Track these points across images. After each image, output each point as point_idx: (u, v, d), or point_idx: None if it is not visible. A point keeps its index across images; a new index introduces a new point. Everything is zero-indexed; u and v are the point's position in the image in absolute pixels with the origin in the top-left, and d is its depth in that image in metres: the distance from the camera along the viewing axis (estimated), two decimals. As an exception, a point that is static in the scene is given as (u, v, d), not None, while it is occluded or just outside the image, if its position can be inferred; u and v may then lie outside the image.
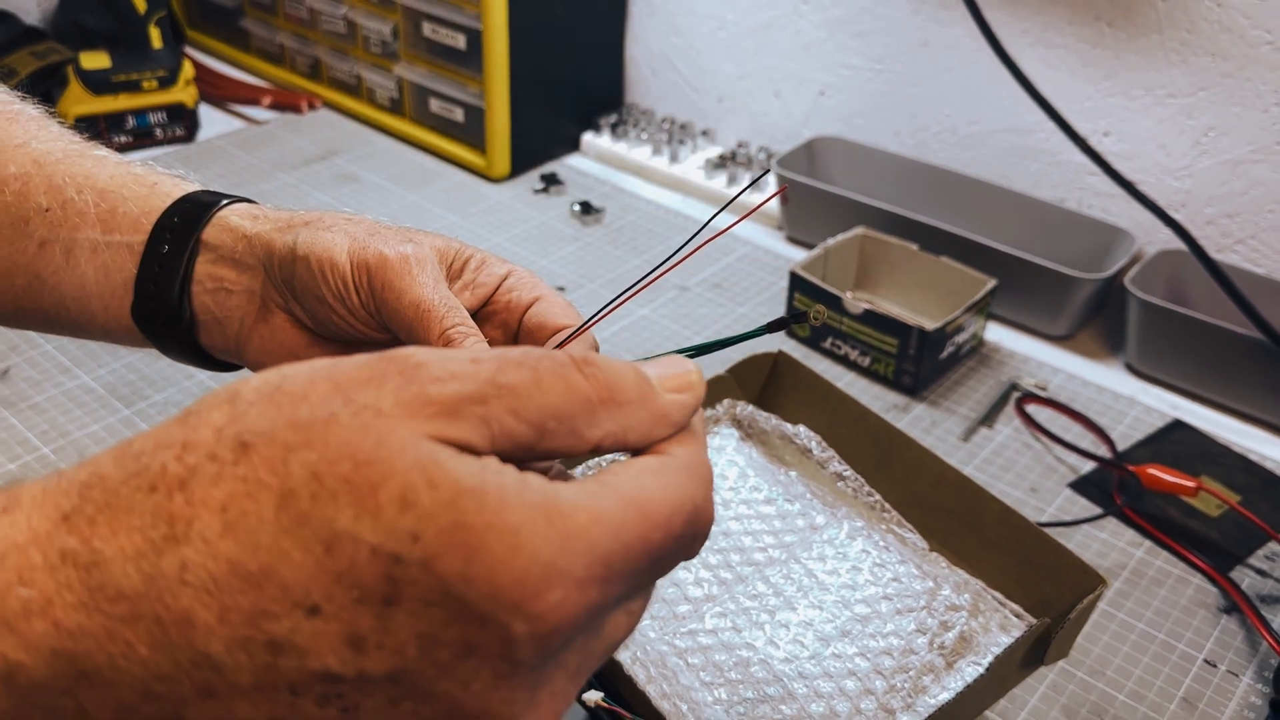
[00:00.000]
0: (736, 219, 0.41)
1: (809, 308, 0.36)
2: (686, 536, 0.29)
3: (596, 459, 0.60)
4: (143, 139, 1.16)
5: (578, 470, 0.59)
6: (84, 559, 0.24)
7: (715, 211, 0.44)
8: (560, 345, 0.43)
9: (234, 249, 0.46)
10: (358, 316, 0.43)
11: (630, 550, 0.27)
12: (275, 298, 0.46)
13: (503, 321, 0.46)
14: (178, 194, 0.47)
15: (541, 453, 0.28)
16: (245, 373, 0.49)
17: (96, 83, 1.12)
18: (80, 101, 1.12)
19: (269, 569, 0.24)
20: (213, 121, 1.23)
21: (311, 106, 1.26)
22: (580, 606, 0.26)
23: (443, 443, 0.25)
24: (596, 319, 0.43)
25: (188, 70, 1.18)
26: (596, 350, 0.44)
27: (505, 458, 0.27)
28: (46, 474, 0.26)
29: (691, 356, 0.38)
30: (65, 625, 0.24)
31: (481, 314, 0.46)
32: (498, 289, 0.46)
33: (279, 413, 0.25)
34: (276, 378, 0.27)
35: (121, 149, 1.14)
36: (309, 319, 0.45)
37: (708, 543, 0.59)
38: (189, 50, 1.37)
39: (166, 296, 0.46)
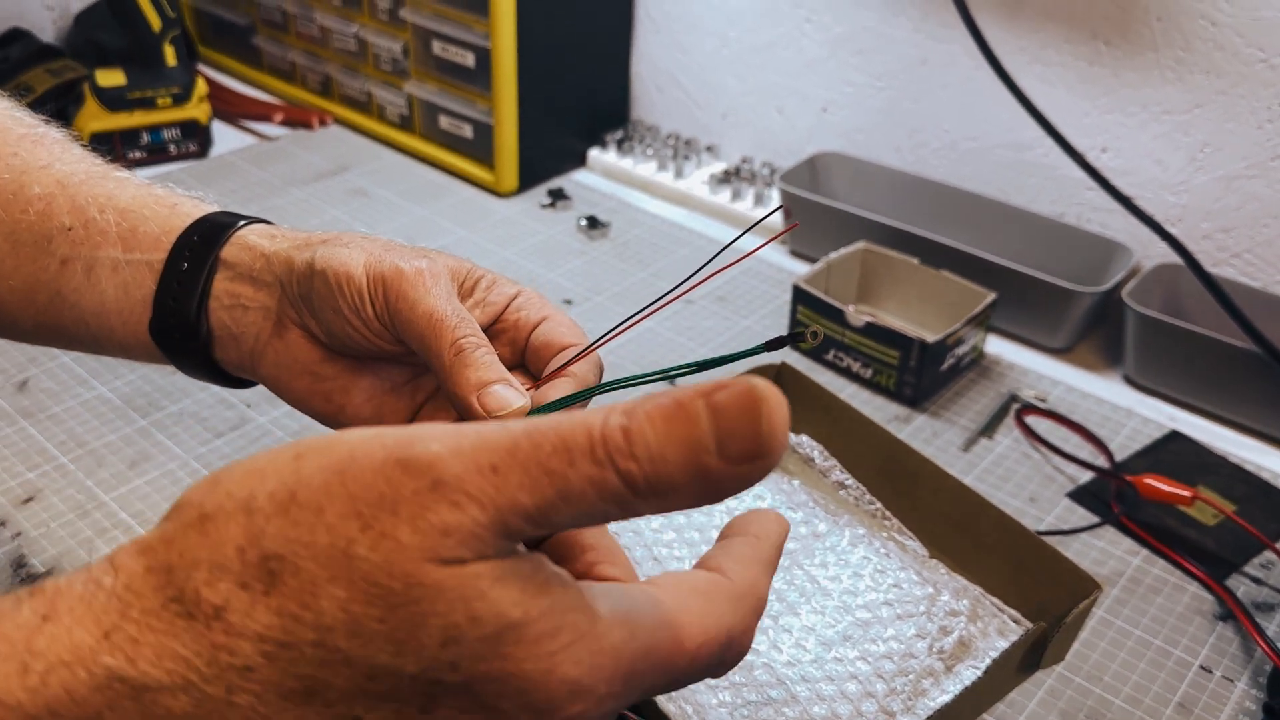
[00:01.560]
0: (753, 248, 0.42)
1: (807, 327, 0.36)
2: (712, 664, 0.30)
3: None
4: (157, 155, 1.18)
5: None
6: (134, 682, 0.25)
7: (729, 242, 0.46)
8: (568, 364, 0.44)
9: (252, 267, 0.47)
10: (372, 329, 0.45)
11: (653, 669, 0.28)
12: (290, 314, 0.47)
13: (511, 339, 0.47)
14: (197, 214, 0.49)
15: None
16: (261, 389, 0.50)
17: (112, 100, 1.14)
18: (95, 118, 1.14)
19: (311, 691, 0.25)
20: (225, 137, 1.25)
21: (323, 123, 1.28)
22: (595, 713, 0.27)
23: (482, 557, 0.25)
24: (604, 340, 0.44)
25: (201, 87, 1.20)
26: (601, 370, 0.45)
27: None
28: (74, 574, 0.27)
29: (691, 373, 0.39)
30: None
31: (491, 331, 0.47)
32: (507, 308, 0.47)
33: (298, 534, 0.26)
34: (291, 485, 0.26)
35: (136, 164, 1.16)
36: (324, 333, 0.46)
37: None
38: (202, 67, 1.40)
39: (184, 312, 0.47)
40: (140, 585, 0.26)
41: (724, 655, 0.30)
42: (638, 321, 0.43)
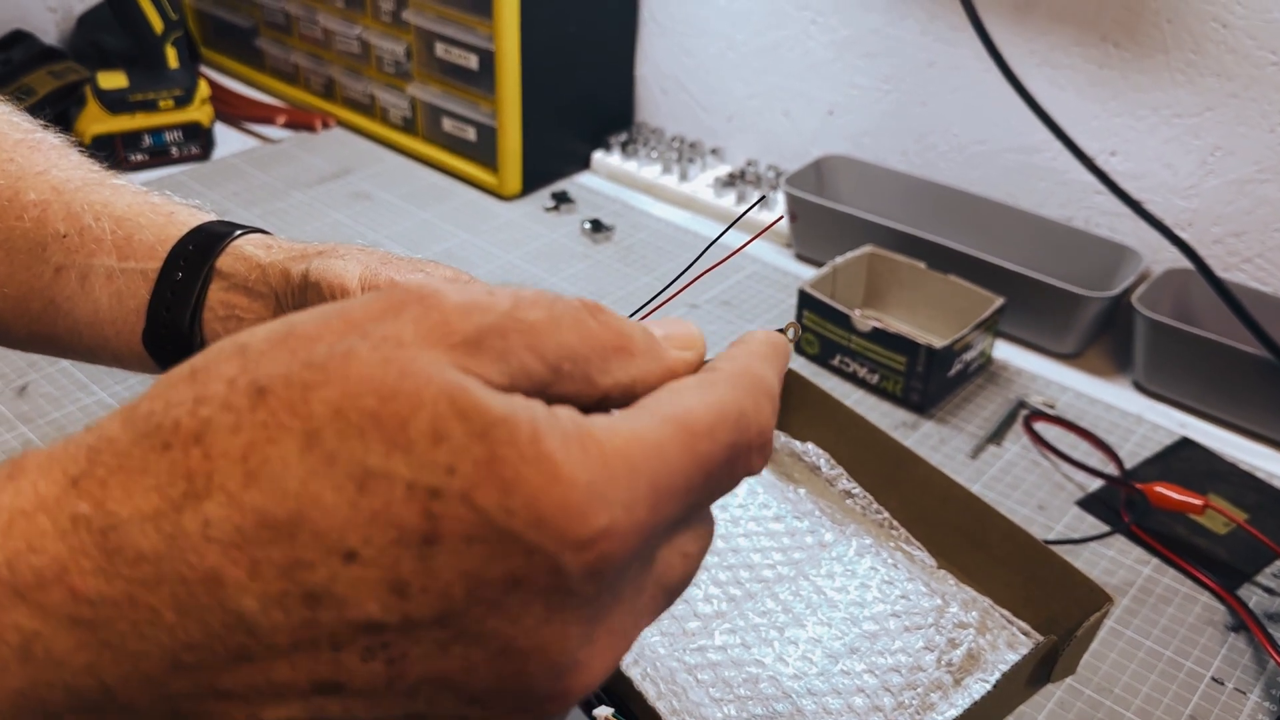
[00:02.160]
0: (741, 244, 0.42)
1: (787, 325, 0.37)
2: (739, 445, 0.27)
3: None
4: (159, 157, 1.17)
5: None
6: (98, 523, 0.23)
7: (710, 241, 0.45)
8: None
9: (247, 277, 0.47)
10: None
11: (676, 464, 0.25)
12: None
13: None
14: (194, 223, 0.48)
15: (553, 396, 0.26)
16: None
17: (114, 102, 1.14)
18: (97, 120, 1.13)
19: (299, 516, 0.22)
20: (228, 140, 1.24)
21: (325, 125, 1.28)
22: (630, 528, 0.24)
23: (467, 373, 0.24)
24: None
25: (203, 90, 1.19)
26: None
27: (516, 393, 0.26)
28: (51, 442, 0.25)
29: None
30: (83, 592, 0.22)
31: None
32: None
33: (294, 356, 0.24)
34: (284, 325, 0.25)
35: (138, 167, 1.16)
36: None
37: (717, 559, 0.59)
38: (205, 70, 1.39)
39: (178, 323, 0.46)
40: (115, 432, 0.24)
41: (744, 434, 0.27)
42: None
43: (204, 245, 0.47)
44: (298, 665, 0.23)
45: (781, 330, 0.36)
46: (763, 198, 0.47)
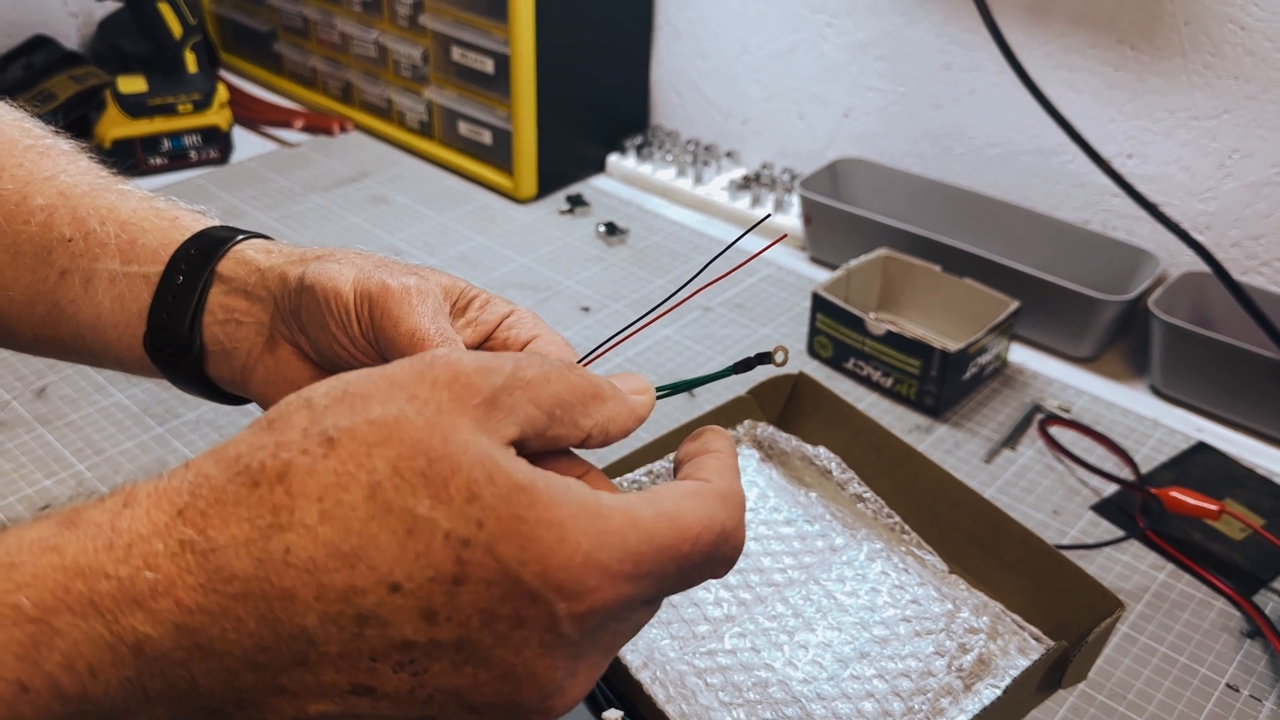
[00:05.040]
0: (739, 263, 0.42)
1: (775, 349, 0.39)
2: (714, 556, 0.33)
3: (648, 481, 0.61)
4: (178, 161, 1.18)
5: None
6: (201, 547, 0.28)
7: (709, 260, 0.47)
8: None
9: (246, 281, 0.47)
10: (358, 346, 0.44)
11: (660, 555, 0.31)
12: (283, 329, 0.46)
13: None
14: (197, 228, 0.48)
15: (549, 438, 0.33)
16: (254, 408, 0.50)
17: (133, 106, 1.15)
18: (117, 124, 1.14)
19: (360, 551, 0.28)
20: (246, 144, 1.25)
21: (343, 129, 1.29)
22: (612, 595, 0.30)
23: (493, 439, 0.30)
24: (589, 359, 0.44)
25: (222, 94, 1.20)
26: None
27: (525, 440, 0.32)
28: (154, 477, 0.30)
29: (664, 396, 0.41)
30: (186, 603, 0.28)
31: (480, 350, 0.46)
32: (498, 326, 0.46)
33: (354, 411, 0.29)
34: (341, 382, 0.31)
35: (157, 171, 1.17)
36: (313, 350, 0.45)
37: (727, 563, 0.59)
38: (223, 74, 1.40)
39: (178, 326, 0.47)
40: (210, 470, 0.29)
41: (722, 548, 0.33)
42: (626, 338, 0.44)
43: (205, 249, 0.47)
44: (341, 670, 0.29)
45: (771, 357, 0.39)
46: (767, 216, 0.48)
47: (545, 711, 0.31)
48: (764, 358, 0.39)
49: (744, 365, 0.39)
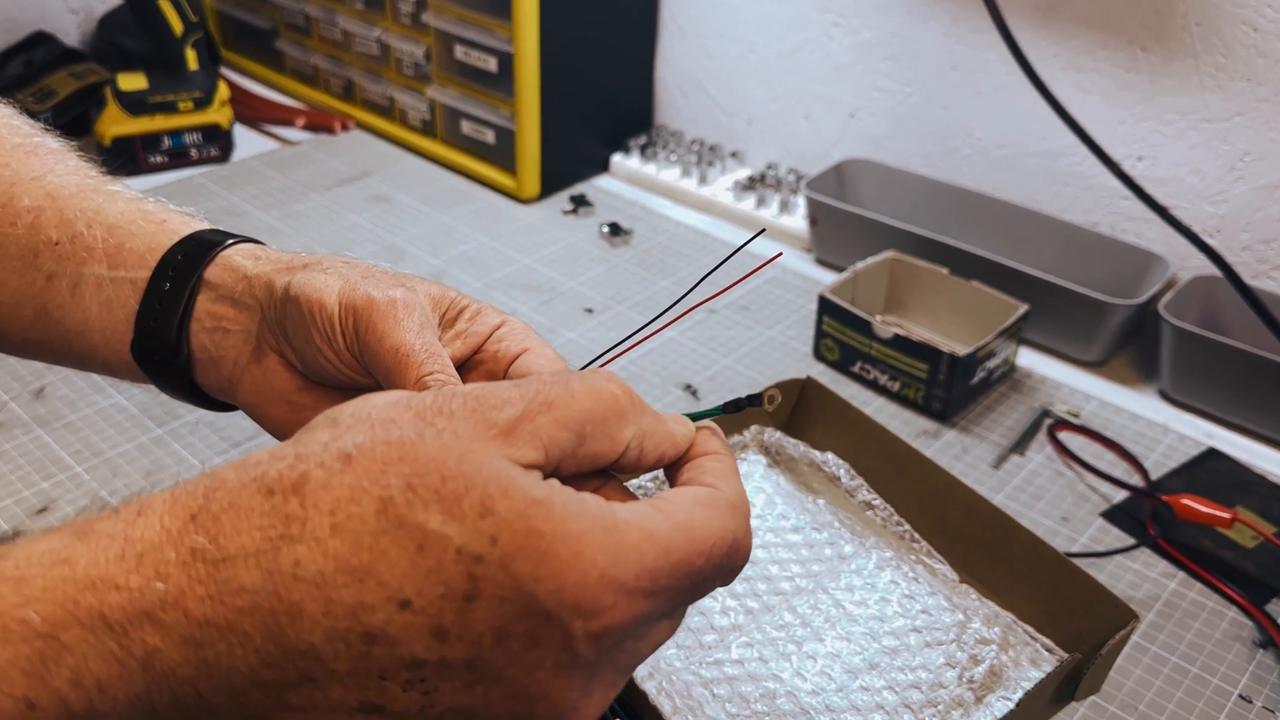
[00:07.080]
0: (738, 278, 0.41)
1: (766, 391, 0.39)
2: (725, 566, 0.32)
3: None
4: (178, 159, 1.17)
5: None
6: (212, 556, 0.28)
7: (707, 273, 0.46)
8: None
9: (234, 288, 0.46)
10: (343, 360, 0.43)
11: (675, 570, 0.30)
12: (269, 339, 0.45)
13: (489, 371, 0.45)
14: (185, 232, 0.47)
15: (584, 456, 0.32)
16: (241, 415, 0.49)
17: (133, 104, 1.14)
18: (117, 122, 1.13)
19: (369, 566, 0.27)
20: (247, 142, 1.24)
21: (345, 128, 1.28)
22: (628, 613, 0.29)
23: (511, 461, 0.29)
24: (601, 361, 0.43)
25: (223, 91, 1.19)
26: None
27: (557, 464, 0.31)
28: (171, 485, 0.30)
29: None
30: (194, 616, 0.27)
31: (470, 363, 0.45)
32: (489, 338, 0.45)
33: (374, 432, 0.29)
34: (366, 404, 0.31)
35: (157, 169, 1.16)
36: (299, 361, 0.45)
37: (734, 572, 0.59)
38: (224, 71, 1.39)
39: (165, 333, 0.46)
40: (227, 475, 0.29)
41: (732, 558, 0.32)
42: (621, 353, 0.44)
43: (193, 255, 0.46)
44: (350, 689, 0.28)
45: (761, 400, 0.39)
46: (761, 230, 0.47)
47: None
48: (754, 399, 0.39)
49: (734, 406, 0.39)
